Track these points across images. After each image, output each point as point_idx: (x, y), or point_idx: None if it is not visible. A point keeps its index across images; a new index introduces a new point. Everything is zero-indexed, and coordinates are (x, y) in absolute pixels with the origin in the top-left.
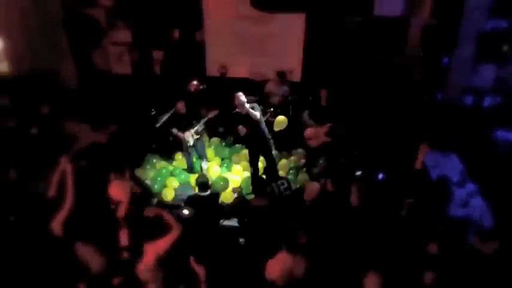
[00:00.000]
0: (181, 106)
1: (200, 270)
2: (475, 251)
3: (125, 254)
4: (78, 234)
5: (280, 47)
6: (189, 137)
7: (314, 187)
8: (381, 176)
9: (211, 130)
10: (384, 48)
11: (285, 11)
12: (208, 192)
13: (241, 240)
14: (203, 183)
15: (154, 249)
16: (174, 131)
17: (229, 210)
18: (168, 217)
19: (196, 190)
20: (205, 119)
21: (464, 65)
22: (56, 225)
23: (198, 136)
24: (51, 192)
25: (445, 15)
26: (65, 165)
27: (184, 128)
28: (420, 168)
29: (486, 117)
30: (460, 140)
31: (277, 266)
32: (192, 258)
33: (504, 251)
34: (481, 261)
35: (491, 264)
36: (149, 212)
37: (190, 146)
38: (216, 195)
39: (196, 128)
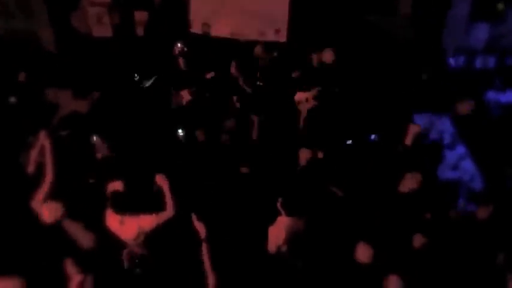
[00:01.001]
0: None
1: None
2: (466, 215)
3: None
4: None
5: (265, 5)
6: (185, 95)
7: (307, 153)
8: (373, 137)
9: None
10: (375, 7)
11: None
12: None
13: None
14: None
15: (138, 223)
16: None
17: None
18: (167, 195)
19: None
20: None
21: (458, 24)
22: (36, 203)
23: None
24: (30, 168)
25: None
26: (44, 140)
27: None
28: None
29: (478, 78)
30: (452, 101)
31: (279, 231)
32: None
33: (495, 214)
34: (472, 225)
35: (482, 229)
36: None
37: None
38: None
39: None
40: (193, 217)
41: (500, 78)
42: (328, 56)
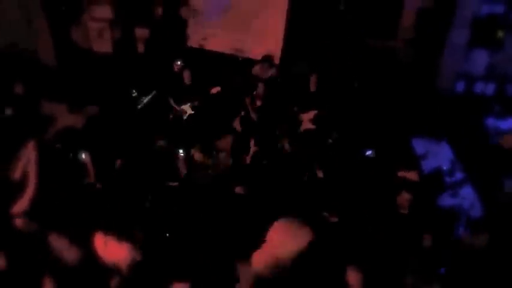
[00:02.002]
0: (186, 75)
1: None
2: (465, 243)
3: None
4: (48, 224)
5: (262, 24)
6: (186, 110)
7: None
8: (369, 152)
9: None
10: (375, 29)
11: None
12: None
13: None
14: None
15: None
16: (171, 101)
17: None
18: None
19: None
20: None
21: (458, 51)
22: (16, 212)
23: (193, 112)
24: (16, 176)
25: None
26: (30, 152)
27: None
28: None
29: (478, 104)
30: (451, 127)
31: (264, 257)
32: None
33: (494, 242)
34: (471, 253)
35: (481, 257)
36: None
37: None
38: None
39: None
40: None
41: (500, 105)
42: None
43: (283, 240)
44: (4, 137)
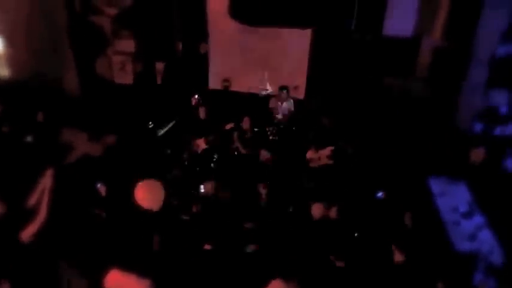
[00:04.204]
0: (202, 111)
1: None
2: None
3: None
4: (57, 252)
5: (285, 63)
6: (201, 144)
7: (319, 209)
8: (380, 194)
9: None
10: (392, 68)
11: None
12: None
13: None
14: None
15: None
16: (187, 135)
17: None
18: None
19: None
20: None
21: (476, 90)
22: (25, 236)
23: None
24: (31, 201)
25: (457, 37)
26: (47, 179)
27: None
28: None
29: (497, 144)
30: (470, 168)
31: None
32: None
33: None
34: None
35: None
36: None
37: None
38: None
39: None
40: None
41: None
42: None
43: None
44: (23, 163)
